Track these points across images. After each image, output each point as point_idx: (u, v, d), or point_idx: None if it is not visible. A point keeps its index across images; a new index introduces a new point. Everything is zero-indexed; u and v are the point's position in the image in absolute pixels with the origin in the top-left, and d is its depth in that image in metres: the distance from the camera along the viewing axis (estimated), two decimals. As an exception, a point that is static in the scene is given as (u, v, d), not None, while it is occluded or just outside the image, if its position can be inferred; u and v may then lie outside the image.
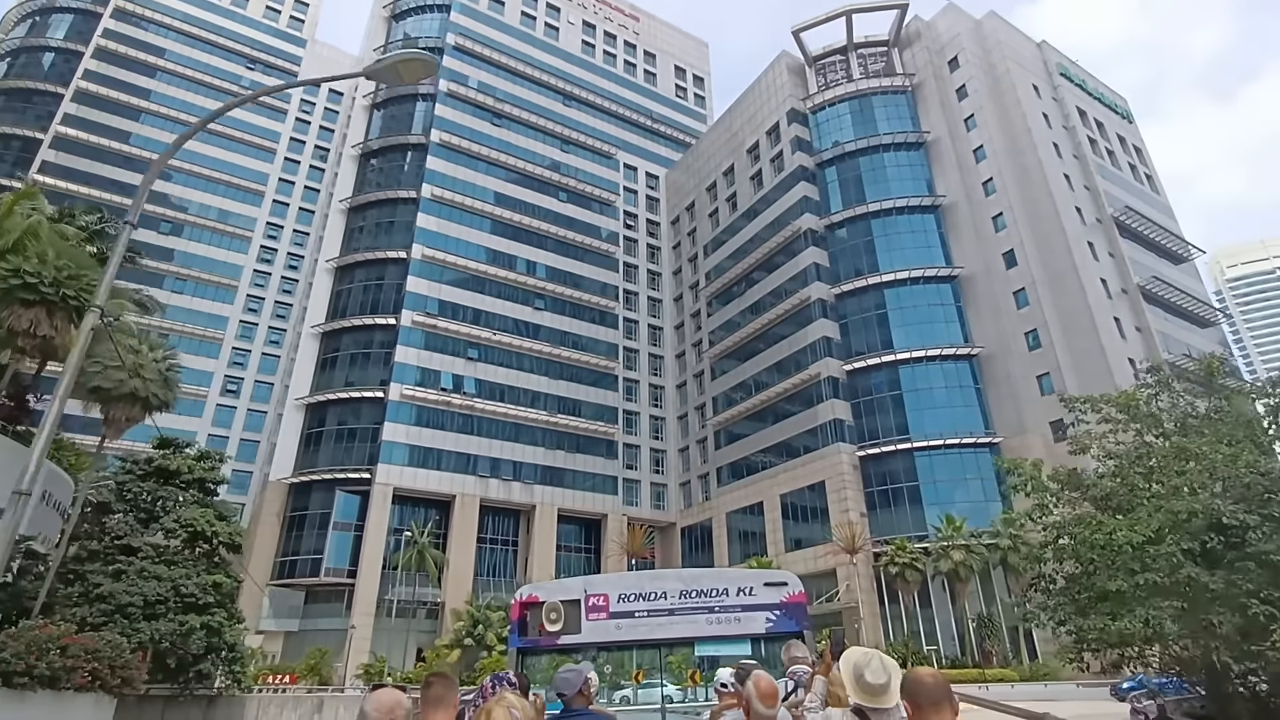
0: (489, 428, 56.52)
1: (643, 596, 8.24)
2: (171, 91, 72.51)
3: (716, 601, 8.15)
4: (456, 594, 49.90)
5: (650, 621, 8.13)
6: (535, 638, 8.09)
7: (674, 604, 8.20)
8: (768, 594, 8.16)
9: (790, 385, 53.51)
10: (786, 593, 8.19)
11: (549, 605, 8.13)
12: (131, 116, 69.82)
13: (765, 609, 8.07)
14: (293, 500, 51.78)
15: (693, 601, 8.18)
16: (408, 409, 53.34)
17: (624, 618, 8.12)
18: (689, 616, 8.13)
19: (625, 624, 8.10)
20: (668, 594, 8.26)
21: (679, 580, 8.51)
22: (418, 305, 56.73)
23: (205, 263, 69.41)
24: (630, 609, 8.17)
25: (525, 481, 56.35)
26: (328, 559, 48.71)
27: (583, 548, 59.70)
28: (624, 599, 8.21)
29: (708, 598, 8.18)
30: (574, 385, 62.24)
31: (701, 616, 8.11)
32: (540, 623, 8.06)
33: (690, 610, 8.15)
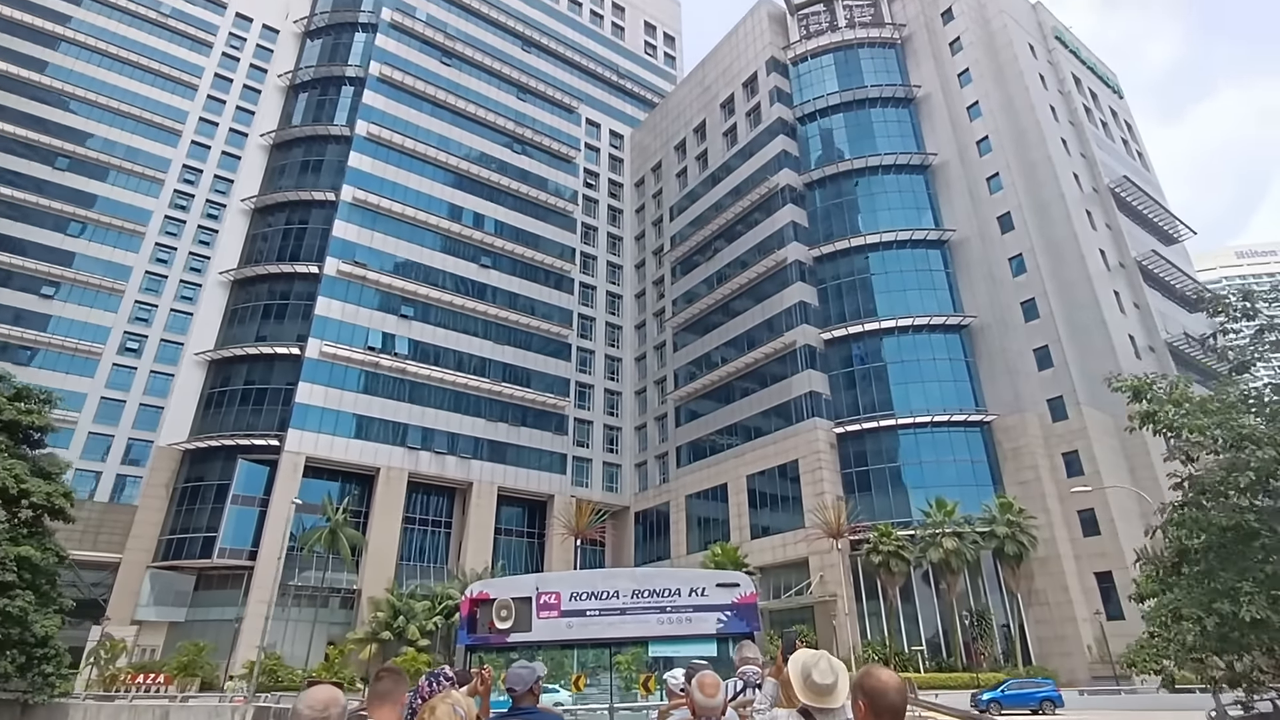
0: (423, 394, 50.01)
1: (595, 595, 8.05)
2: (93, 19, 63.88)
3: (669, 601, 8.00)
4: (376, 580, 43.42)
5: (602, 620, 7.99)
6: (485, 635, 7.76)
7: (626, 603, 8.04)
8: (720, 594, 8.03)
9: (762, 355, 48.33)
10: (739, 593, 8.05)
11: (499, 602, 7.86)
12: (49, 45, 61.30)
13: (717, 609, 7.95)
14: (187, 469, 44.51)
15: (645, 601, 8.03)
16: (327, 368, 46.49)
17: (575, 616, 7.97)
18: (640, 616, 7.96)
19: (577, 622, 7.95)
20: (620, 593, 8.07)
21: (632, 579, 8.26)
22: (345, 253, 49.79)
23: (109, 205, 61.08)
24: (582, 607, 8.00)
25: (462, 455, 50.03)
26: (223, 538, 41.67)
27: (525, 531, 53.66)
28: (576, 597, 8.01)
29: (660, 597, 8.03)
30: (522, 352, 56.05)
31: (653, 616, 7.96)
32: (490, 620, 7.80)
33: (642, 610, 7.99)
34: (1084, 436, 38.14)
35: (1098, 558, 36.16)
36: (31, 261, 55.82)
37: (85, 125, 62.37)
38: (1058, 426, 39.40)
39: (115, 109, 63.24)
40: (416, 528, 49.00)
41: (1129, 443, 38.92)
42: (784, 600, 40.45)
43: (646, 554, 54.35)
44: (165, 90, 67.62)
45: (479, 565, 46.98)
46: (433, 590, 44.21)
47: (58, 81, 61.42)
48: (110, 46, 64.80)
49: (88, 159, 61.28)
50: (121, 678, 35.62)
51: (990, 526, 35.68)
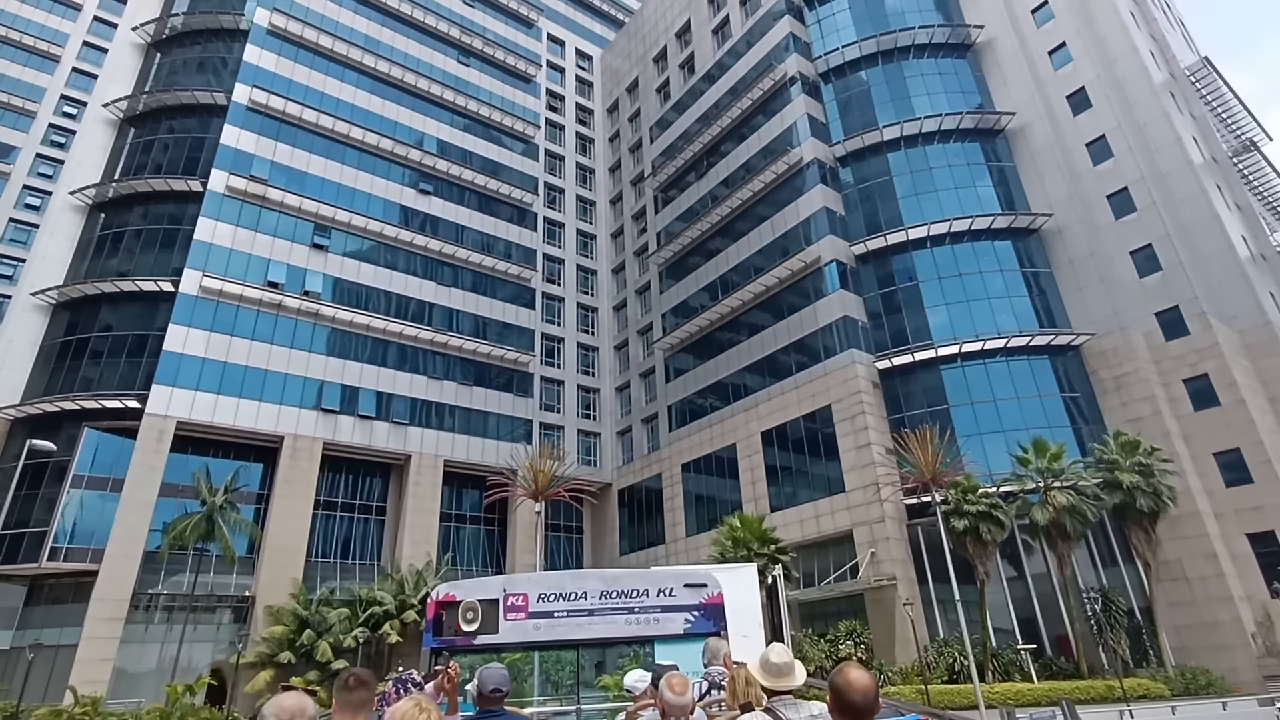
0: (344, 344, 39.11)
1: (563, 596, 8.07)
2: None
3: (636, 602, 8.04)
4: (277, 583, 32.55)
5: (569, 622, 7.99)
6: (451, 637, 7.81)
7: (594, 604, 8.06)
8: (688, 595, 8.13)
9: (775, 281, 38.22)
10: (706, 594, 8.16)
11: (466, 604, 7.87)
12: None
13: (684, 610, 8.04)
14: (15, 444, 33.17)
15: (613, 602, 8.06)
16: (210, 308, 35.37)
17: (543, 618, 7.98)
18: (608, 617, 8.02)
19: (544, 624, 7.96)
20: (588, 594, 8.10)
21: (600, 580, 8.33)
22: (238, 165, 38.62)
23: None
24: (550, 609, 8.02)
25: (396, 421, 39.23)
26: (58, 534, 30.47)
27: (481, 517, 42.97)
28: (544, 599, 8.05)
29: (628, 598, 8.06)
30: (474, 297, 45.37)
31: (621, 617, 8.01)
32: (456, 622, 7.81)
33: (610, 611, 8.03)
34: (1215, 355, 28.64)
35: (1250, 514, 26.66)
36: None
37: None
38: (1173, 346, 29.84)
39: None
40: (337, 514, 38.11)
41: (1267, 366, 29.62)
42: (821, 589, 30.40)
43: (635, 539, 44.07)
44: None
45: (419, 559, 36.33)
46: (355, 594, 33.52)
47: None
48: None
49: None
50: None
51: (1107, 474, 25.96)
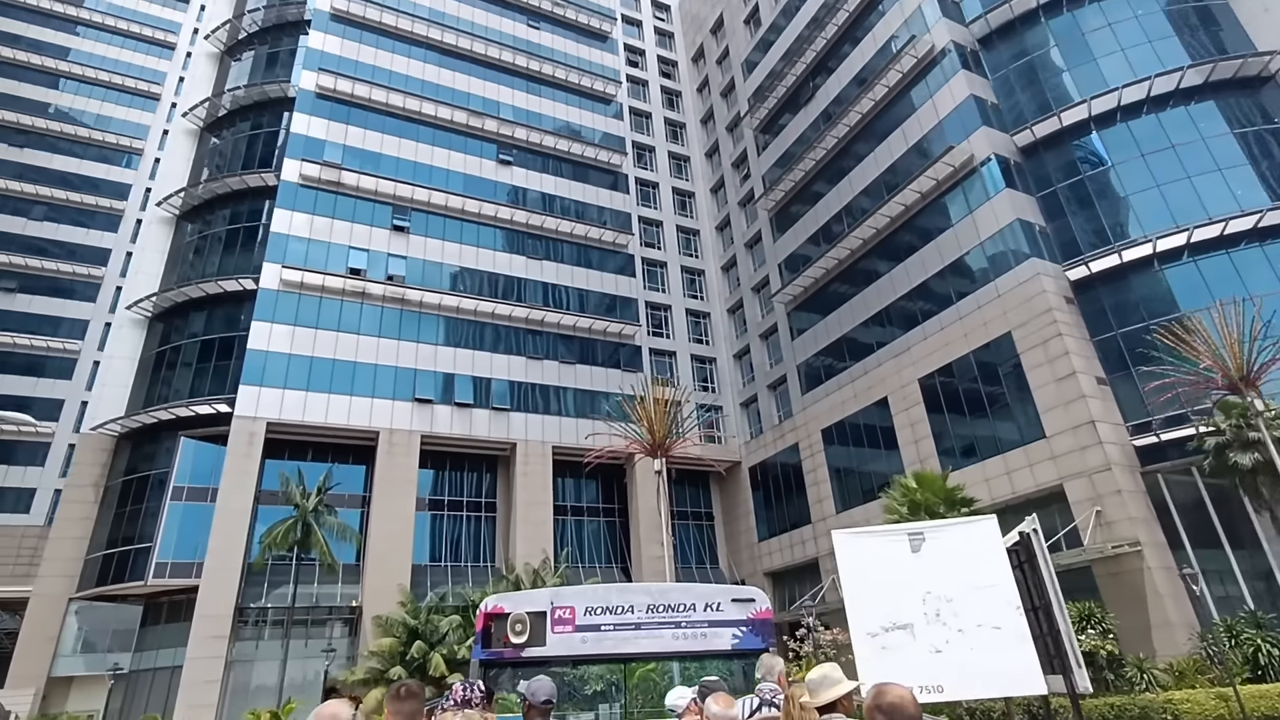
0: (434, 329, 36.10)
1: (610, 610, 8.09)
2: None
3: (683, 617, 8.01)
4: (384, 592, 29.58)
5: (616, 635, 8.02)
6: (499, 649, 7.86)
7: (641, 618, 8.05)
8: (735, 610, 8.05)
9: (915, 197, 31.55)
10: (754, 609, 8.10)
11: (514, 616, 7.93)
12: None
13: (732, 625, 7.96)
14: (124, 461, 32.23)
15: (660, 616, 8.05)
16: (292, 302, 33.21)
17: (590, 631, 7.99)
18: (655, 632, 8.02)
19: (591, 637, 7.99)
20: (635, 608, 8.12)
21: (647, 594, 8.35)
22: (311, 152, 36.53)
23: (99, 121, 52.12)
24: (596, 622, 8.03)
25: (497, 407, 35.75)
26: (161, 549, 28.89)
27: (600, 508, 38.83)
28: (590, 612, 8.06)
29: (675, 613, 8.04)
30: (569, 269, 41.41)
31: (668, 632, 8.00)
32: (505, 634, 7.83)
33: (657, 625, 8.02)
34: None
35: None
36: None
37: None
38: None
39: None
40: (444, 514, 35.06)
41: None
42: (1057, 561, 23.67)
43: (774, 522, 38.42)
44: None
45: (534, 558, 32.48)
46: (468, 599, 30.02)
47: None
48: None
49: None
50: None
51: None
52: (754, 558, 39.10)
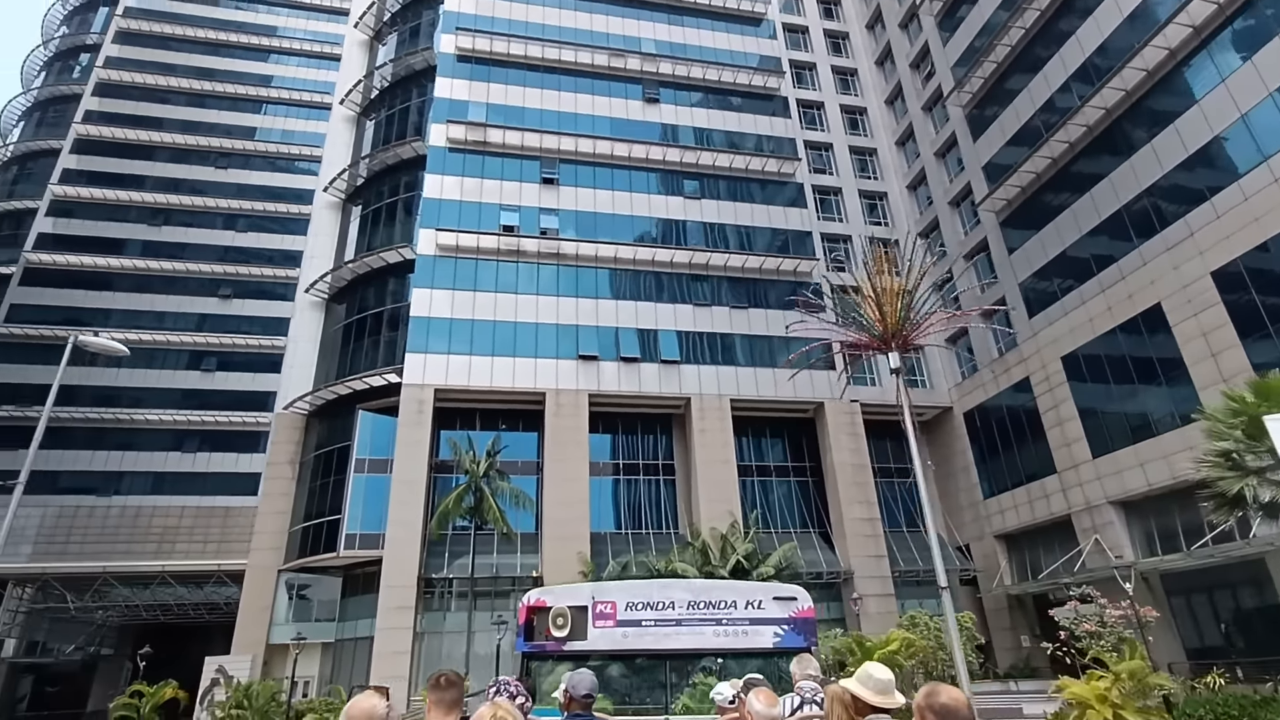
0: (592, 282, 33.66)
1: (650, 606, 7.99)
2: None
3: (724, 614, 7.89)
4: (563, 561, 27.63)
5: (657, 631, 7.92)
6: (542, 642, 7.88)
7: (681, 614, 7.94)
8: (776, 608, 7.89)
9: (1163, 49, 23.79)
10: (796, 607, 7.92)
11: (556, 610, 7.92)
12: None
13: (774, 623, 7.82)
14: (313, 437, 33.09)
15: (700, 613, 7.91)
16: (449, 266, 32.18)
17: (631, 626, 7.92)
18: (696, 628, 7.94)
19: (632, 632, 7.93)
20: (675, 604, 8.00)
21: (688, 591, 8.27)
22: (455, 114, 35.42)
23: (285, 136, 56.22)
24: (637, 618, 7.93)
25: (666, 360, 32.64)
26: (349, 521, 28.99)
27: (788, 466, 34.59)
28: (631, 607, 7.97)
29: (716, 610, 7.90)
30: (730, 205, 37.30)
31: (709, 628, 7.93)
32: (547, 628, 7.83)
33: (698, 622, 7.92)
34: None
35: None
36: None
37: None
38: None
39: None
40: (620, 478, 32.63)
41: None
42: None
43: (1001, 476, 32.07)
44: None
45: (720, 521, 29.12)
46: (652, 567, 27.33)
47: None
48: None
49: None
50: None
51: None
52: (978, 518, 33.00)
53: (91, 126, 57.39)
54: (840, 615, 30.28)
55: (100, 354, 38.06)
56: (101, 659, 43.01)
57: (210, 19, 64.10)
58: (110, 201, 55.23)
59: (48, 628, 42.24)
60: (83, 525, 44.84)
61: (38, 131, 59.71)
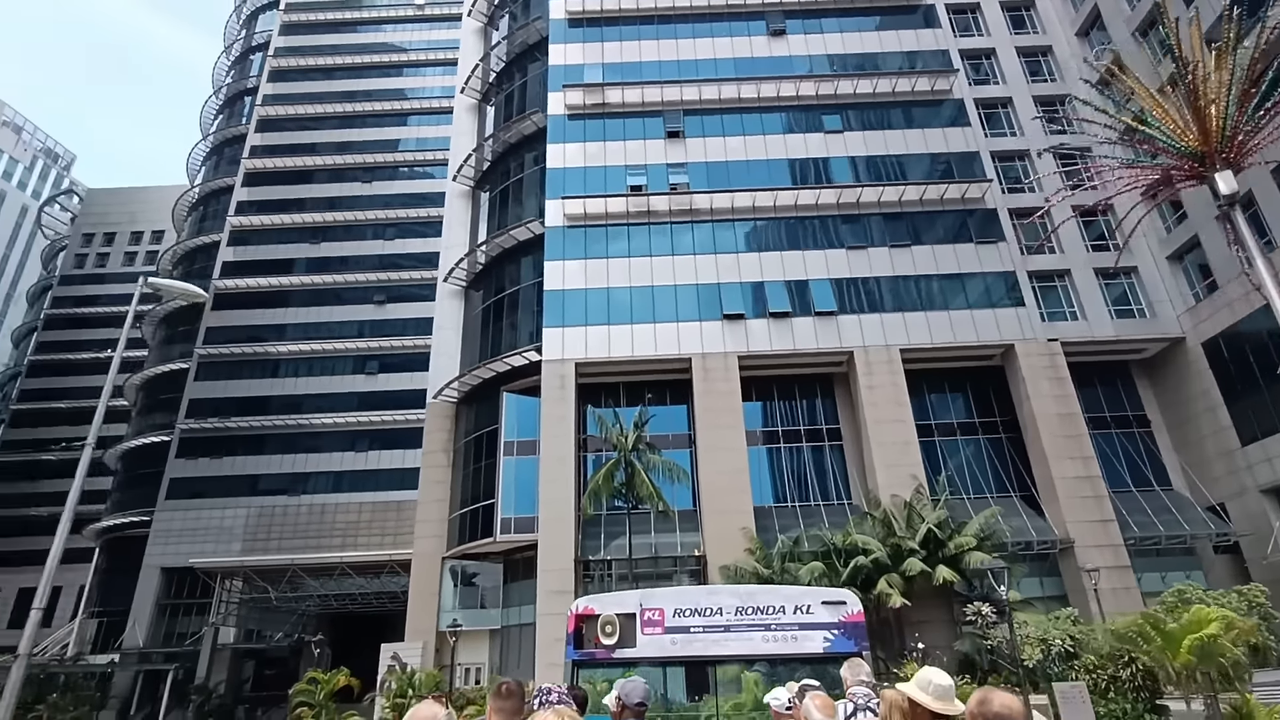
0: (729, 236, 30.86)
1: (698, 612, 7.93)
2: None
3: (773, 619, 7.82)
4: (726, 538, 25.24)
5: (705, 638, 7.87)
6: (591, 650, 7.88)
7: (730, 620, 7.88)
8: (825, 612, 7.80)
9: None
10: (845, 612, 7.81)
11: (604, 618, 7.88)
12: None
13: (823, 628, 7.72)
14: (462, 423, 33.02)
15: (749, 619, 7.86)
16: (579, 236, 30.72)
17: (679, 633, 7.86)
18: (744, 634, 7.85)
19: (680, 639, 7.87)
20: (723, 610, 7.93)
21: (735, 597, 8.19)
22: (570, 78, 33.98)
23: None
24: (685, 624, 7.88)
25: (821, 312, 29.17)
26: (504, 505, 28.35)
27: (975, 422, 29.93)
28: (679, 614, 7.92)
29: (764, 615, 7.85)
30: (878, 135, 32.96)
31: (758, 634, 7.83)
32: (595, 635, 7.83)
33: (746, 628, 7.85)
34: None
35: None
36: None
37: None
38: None
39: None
40: (780, 446, 29.63)
41: None
42: None
43: (1264, 417, 25.62)
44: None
45: (900, 487, 25.43)
46: (827, 541, 24.25)
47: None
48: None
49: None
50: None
51: None
52: (1233, 471, 26.68)
53: (257, 160, 62.52)
54: (1059, 591, 25.58)
55: (283, 360, 39.52)
56: (305, 644, 46.43)
57: (348, 46, 67.87)
58: (277, 226, 59.81)
59: (259, 617, 46.25)
60: (279, 523, 48.67)
61: (216, 172, 65.99)
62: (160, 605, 46.27)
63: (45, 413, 74.64)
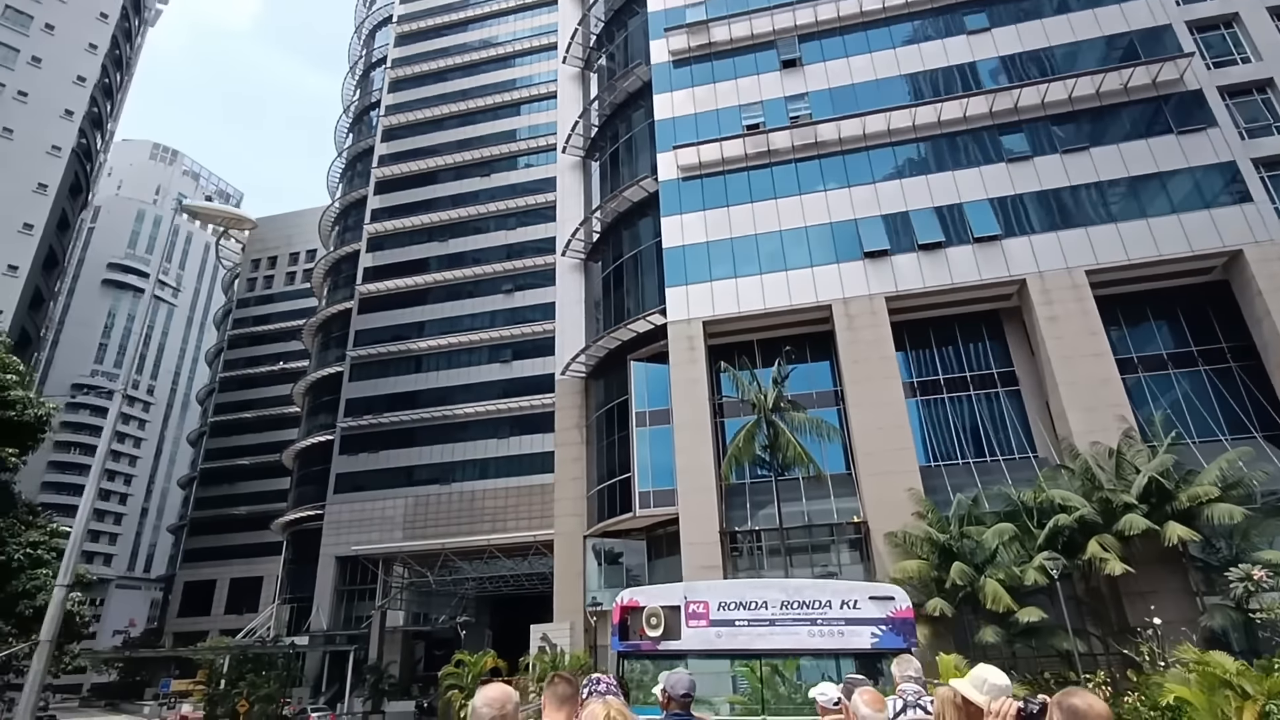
0: (863, 166, 27.32)
1: (743, 605, 7.84)
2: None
3: (819, 614, 7.70)
4: (888, 502, 22.24)
5: (750, 631, 7.79)
6: (636, 642, 7.82)
7: (775, 614, 7.78)
8: (873, 608, 7.62)
9: None
10: (894, 607, 7.63)
11: (649, 610, 7.83)
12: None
13: (871, 623, 7.56)
14: (592, 398, 31.93)
15: (794, 613, 7.74)
16: (694, 188, 28.43)
17: (724, 626, 7.79)
18: (790, 628, 7.75)
19: (725, 632, 7.81)
20: (768, 604, 7.85)
21: (781, 590, 8.06)
22: (671, 21, 31.67)
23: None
24: (730, 618, 7.80)
25: (980, 238, 25.08)
26: (640, 479, 26.87)
27: (1189, 352, 24.57)
28: (724, 607, 7.84)
29: (810, 609, 7.72)
30: (1033, 25, 27.94)
31: (803, 629, 7.73)
32: (641, 627, 7.78)
33: (792, 622, 7.73)
34: None
35: None
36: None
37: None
38: None
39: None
40: (942, 397, 25.87)
41: None
42: None
43: None
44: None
45: (1101, 432, 21.21)
46: (1014, 497, 20.70)
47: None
48: None
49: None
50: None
51: None
52: None
53: (385, 168, 65.37)
54: (1333, 551, 20.27)
55: (425, 355, 39.83)
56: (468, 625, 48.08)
57: (456, 46, 69.29)
58: (408, 229, 62.23)
59: (423, 601, 48.38)
60: (434, 512, 50.63)
61: (350, 186, 69.86)
62: (338, 591, 49.61)
63: (236, 423, 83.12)
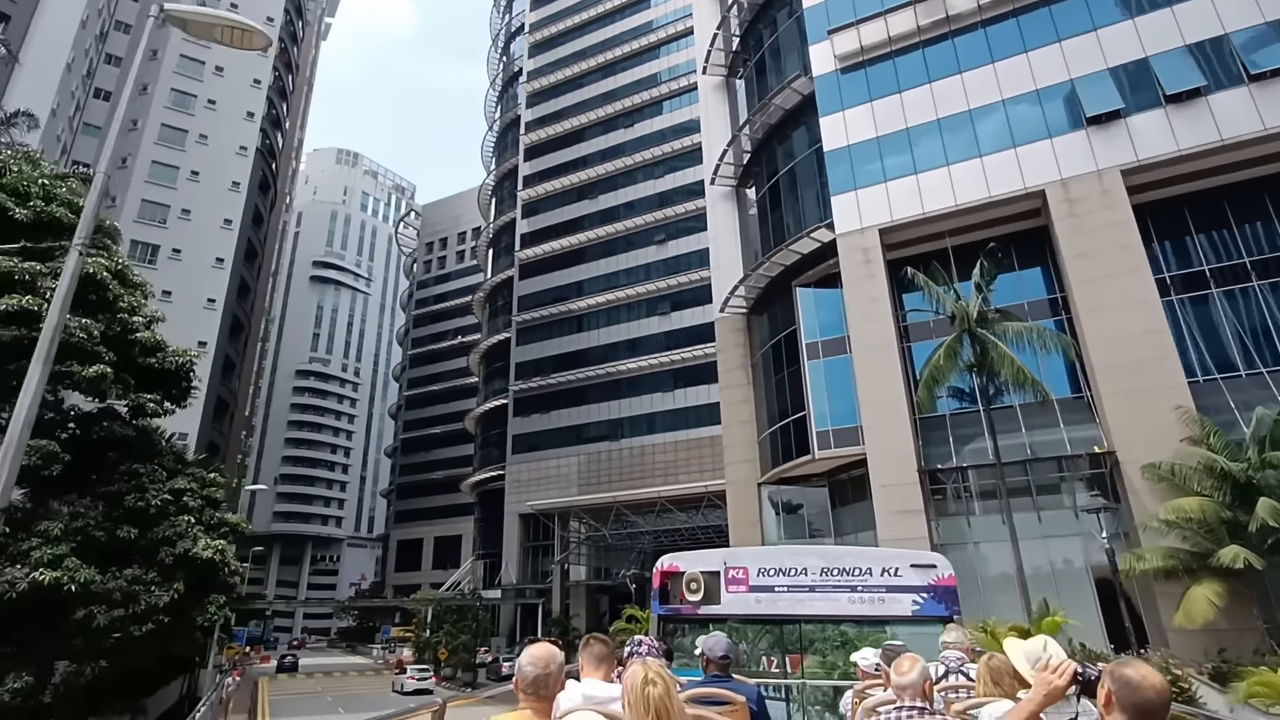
0: (1076, 11, 21.60)
1: (783, 571, 8.01)
2: None
3: (859, 581, 7.83)
4: (1145, 427, 17.44)
5: (790, 597, 7.91)
6: (676, 606, 8.00)
7: (815, 580, 7.95)
8: (914, 575, 7.70)
9: None
10: (936, 575, 7.69)
11: (689, 575, 8.00)
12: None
13: (912, 590, 7.65)
14: (755, 334, 29.04)
15: (834, 579, 7.90)
16: (856, 78, 24.18)
17: (763, 591, 7.96)
18: (830, 594, 7.85)
19: (764, 598, 7.95)
20: (808, 570, 7.99)
21: (820, 557, 8.16)
22: (815, -107, 27.16)
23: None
24: (770, 583, 7.98)
25: (1260, 75, 18.78)
26: (816, 418, 23.74)
27: None
28: (764, 573, 8.01)
29: (850, 576, 7.85)
30: None
31: (843, 595, 7.80)
32: (681, 592, 7.97)
33: (832, 588, 7.85)
34: None
35: None
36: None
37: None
38: None
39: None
40: (1211, 293, 20.05)
41: None
42: None
43: None
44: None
45: None
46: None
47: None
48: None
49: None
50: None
51: None
52: None
53: (532, 134, 65.65)
54: None
55: (585, 314, 38.61)
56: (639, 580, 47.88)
57: None
58: (559, 190, 62.16)
59: (603, 555, 48.72)
60: (605, 468, 50.62)
61: (503, 157, 71.20)
62: (523, 547, 51.41)
63: (426, 395, 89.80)
